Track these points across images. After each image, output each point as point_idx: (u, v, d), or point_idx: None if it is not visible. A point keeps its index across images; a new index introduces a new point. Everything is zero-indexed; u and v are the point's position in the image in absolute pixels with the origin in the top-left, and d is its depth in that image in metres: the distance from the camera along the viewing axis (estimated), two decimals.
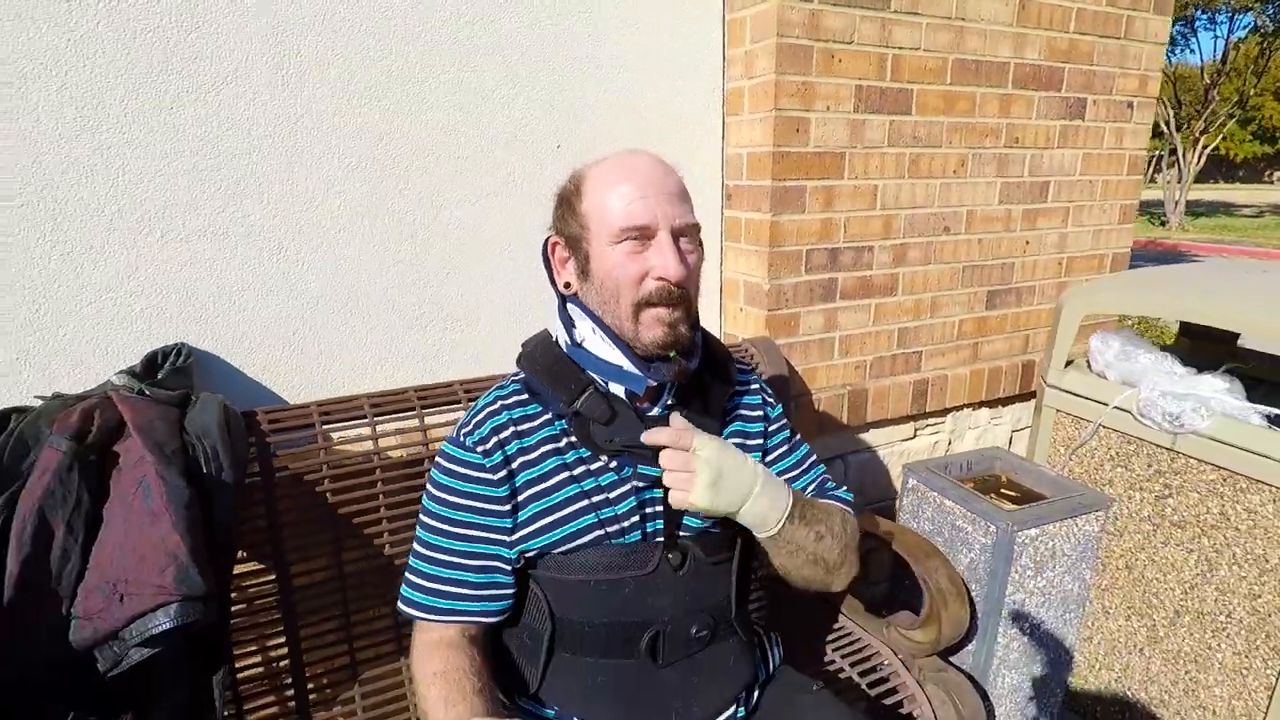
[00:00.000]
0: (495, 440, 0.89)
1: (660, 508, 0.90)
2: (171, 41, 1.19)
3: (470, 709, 0.79)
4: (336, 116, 1.33)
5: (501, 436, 0.89)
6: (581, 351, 0.90)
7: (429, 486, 0.92)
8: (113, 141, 1.19)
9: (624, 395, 0.89)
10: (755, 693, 1.02)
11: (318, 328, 1.39)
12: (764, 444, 1.03)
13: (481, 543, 0.89)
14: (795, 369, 1.71)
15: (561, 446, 0.90)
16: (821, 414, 1.78)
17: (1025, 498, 1.60)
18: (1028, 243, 1.98)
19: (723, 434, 0.96)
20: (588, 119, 1.57)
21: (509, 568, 0.90)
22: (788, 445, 1.06)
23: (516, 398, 0.93)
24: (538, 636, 0.91)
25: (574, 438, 0.90)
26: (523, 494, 0.88)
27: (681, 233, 0.86)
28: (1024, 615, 1.50)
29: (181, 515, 0.96)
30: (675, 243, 0.85)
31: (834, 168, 1.64)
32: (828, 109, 1.59)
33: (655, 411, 0.90)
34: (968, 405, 2.06)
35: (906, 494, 1.70)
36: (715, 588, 0.94)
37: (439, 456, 0.92)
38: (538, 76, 1.50)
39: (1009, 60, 1.79)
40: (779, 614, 1.50)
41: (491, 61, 1.45)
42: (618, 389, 0.89)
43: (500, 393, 0.94)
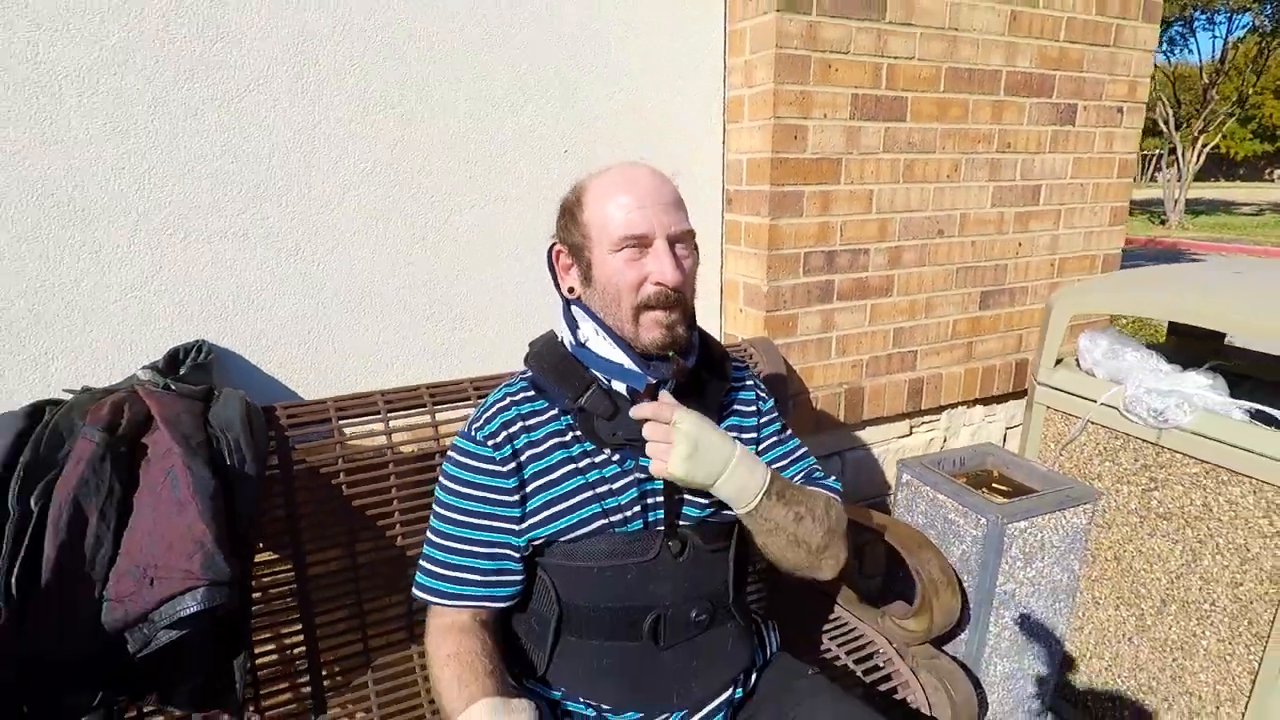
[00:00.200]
0: (505, 435, 0.93)
1: (661, 498, 0.94)
2: (197, 52, 1.24)
3: (482, 689, 0.83)
4: (352, 123, 1.38)
5: (510, 431, 0.94)
6: (585, 351, 0.94)
7: (442, 479, 0.96)
8: (140, 146, 1.23)
9: (625, 392, 0.93)
10: (753, 676, 1.06)
11: (332, 326, 1.44)
12: (757, 436, 1.07)
13: (492, 531, 0.93)
14: (793, 368, 1.75)
15: (567, 440, 0.94)
16: (819, 412, 1.82)
17: (1016, 492, 1.64)
18: (1020, 245, 2.02)
19: (719, 428, 1.01)
20: (594, 126, 1.61)
21: (518, 555, 0.94)
22: (777, 437, 1.09)
23: (524, 394, 0.97)
24: (545, 621, 0.95)
25: (579, 432, 0.94)
26: (531, 485, 0.93)
27: (677, 239, 0.91)
28: (1014, 605, 1.55)
29: (207, 504, 1.01)
30: (671, 249, 0.90)
31: (831, 173, 1.68)
32: (825, 116, 1.64)
33: None
34: (962, 403, 2.09)
35: (901, 489, 1.74)
36: (713, 574, 0.98)
37: (451, 450, 0.97)
38: (546, 85, 1.54)
39: (1001, 68, 1.83)
40: (776, 604, 1.54)
41: (502, 70, 1.49)
42: (620, 386, 0.93)
43: (509, 390, 0.99)
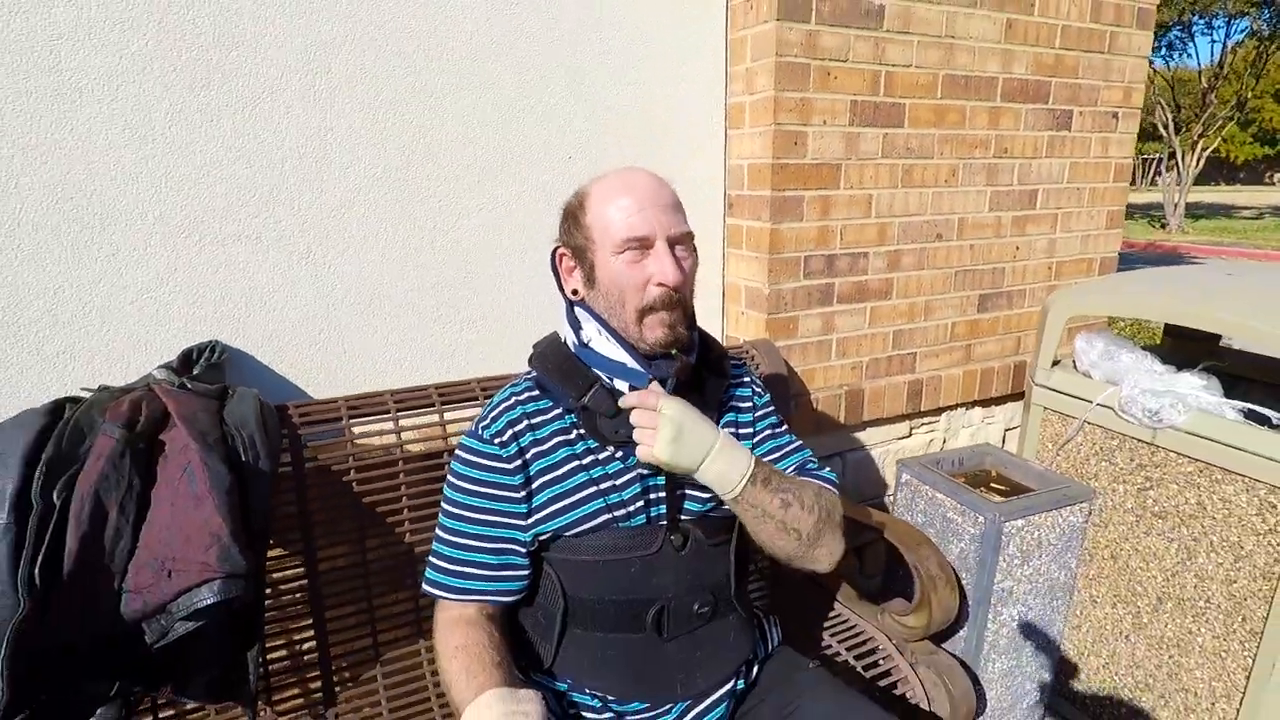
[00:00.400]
0: (510, 433, 0.96)
1: (663, 493, 0.96)
2: (214, 60, 1.27)
3: (490, 680, 0.85)
4: (363, 129, 1.41)
5: (516, 429, 0.96)
6: (589, 351, 0.97)
7: (450, 476, 0.99)
8: (158, 151, 1.26)
9: (628, 390, 0.95)
10: (755, 668, 1.08)
11: (342, 328, 1.47)
12: (754, 430, 1.09)
13: (498, 527, 0.95)
14: (794, 370, 1.77)
15: (571, 438, 0.97)
16: (820, 413, 1.84)
17: (1013, 491, 1.66)
18: (1017, 248, 2.04)
19: (718, 424, 1.02)
20: (598, 133, 1.64)
21: (524, 550, 0.96)
22: (772, 430, 1.11)
23: (529, 394, 1.00)
24: (551, 614, 0.98)
25: (583, 430, 0.96)
26: (536, 482, 0.95)
27: (677, 241, 0.94)
28: (1012, 602, 1.57)
29: (223, 499, 1.03)
30: (671, 250, 0.92)
31: (830, 178, 1.71)
32: (824, 123, 1.67)
33: None
34: (961, 405, 2.12)
35: (900, 488, 1.77)
36: (715, 567, 1.01)
37: (459, 449, 0.99)
38: (552, 92, 1.57)
39: (997, 75, 1.86)
40: (778, 600, 1.56)
41: (508, 77, 1.52)
42: (622, 385, 0.95)
43: (514, 389, 1.01)
